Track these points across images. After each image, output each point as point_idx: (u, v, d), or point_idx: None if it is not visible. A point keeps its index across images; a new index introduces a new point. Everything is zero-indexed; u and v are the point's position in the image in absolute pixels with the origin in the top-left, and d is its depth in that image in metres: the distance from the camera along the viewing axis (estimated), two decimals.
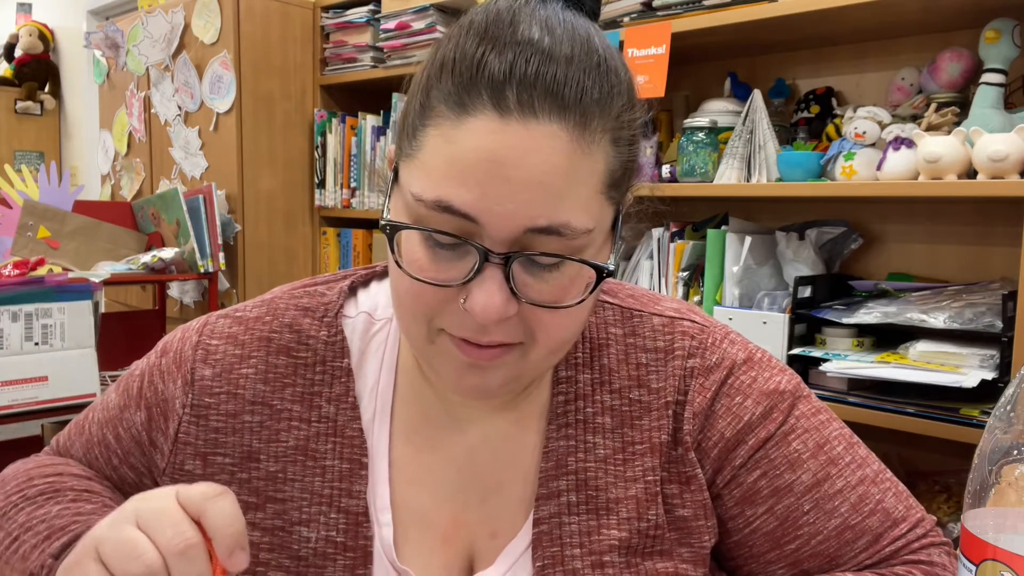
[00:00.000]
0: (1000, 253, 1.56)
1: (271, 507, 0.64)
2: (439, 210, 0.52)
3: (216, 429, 0.65)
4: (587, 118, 0.52)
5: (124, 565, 0.48)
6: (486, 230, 0.52)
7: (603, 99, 0.53)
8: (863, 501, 0.64)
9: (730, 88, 1.79)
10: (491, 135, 0.51)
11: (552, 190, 0.51)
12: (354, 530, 0.63)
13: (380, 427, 0.67)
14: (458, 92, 0.52)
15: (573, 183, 0.52)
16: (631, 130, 0.57)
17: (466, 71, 0.52)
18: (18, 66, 4.43)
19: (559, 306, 0.55)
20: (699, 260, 1.73)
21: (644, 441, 0.64)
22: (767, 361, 0.68)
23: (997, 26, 1.38)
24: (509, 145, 0.50)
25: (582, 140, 0.52)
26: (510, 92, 0.51)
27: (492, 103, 0.51)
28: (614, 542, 0.63)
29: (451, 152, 0.52)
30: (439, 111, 0.53)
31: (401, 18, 2.27)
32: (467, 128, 0.51)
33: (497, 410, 0.66)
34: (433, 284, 0.54)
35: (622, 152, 0.56)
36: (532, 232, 0.52)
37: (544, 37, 0.53)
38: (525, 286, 0.54)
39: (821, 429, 0.66)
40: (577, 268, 0.54)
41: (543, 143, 0.51)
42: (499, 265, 0.52)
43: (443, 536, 0.65)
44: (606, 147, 0.54)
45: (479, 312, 0.53)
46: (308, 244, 2.63)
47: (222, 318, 0.70)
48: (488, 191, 0.51)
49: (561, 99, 0.51)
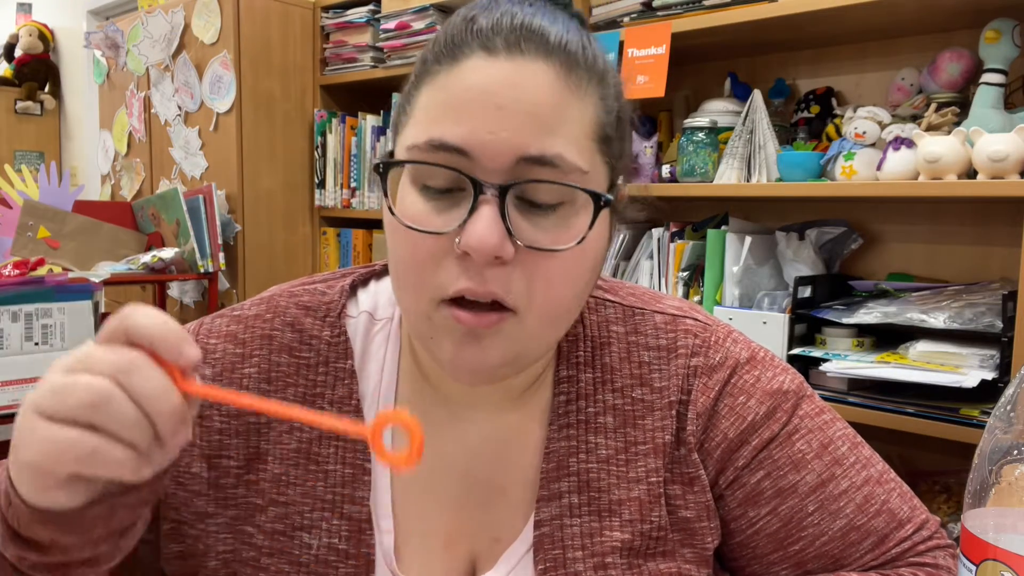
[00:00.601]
0: (1000, 253, 1.56)
1: (273, 510, 0.63)
2: (432, 150, 0.53)
3: (220, 431, 0.63)
4: (571, 64, 0.55)
5: (69, 400, 0.43)
6: (479, 163, 0.53)
7: (586, 53, 0.56)
8: (868, 502, 0.64)
9: (730, 88, 1.79)
10: (480, 71, 0.54)
11: (542, 121, 0.53)
12: (357, 537, 0.62)
13: None
14: (449, 48, 0.56)
15: (562, 120, 0.54)
16: (617, 99, 0.59)
17: (456, 31, 0.56)
18: (18, 66, 4.42)
19: (556, 249, 0.54)
20: (699, 260, 1.73)
21: (647, 441, 0.64)
22: (770, 360, 0.67)
23: (997, 26, 1.38)
24: (497, 79, 0.53)
25: (568, 81, 0.55)
26: (498, 38, 0.54)
27: (480, 47, 0.54)
28: (616, 544, 0.62)
29: (442, 98, 0.55)
30: (431, 70, 0.56)
31: (401, 18, 2.27)
32: (457, 73, 0.54)
33: (498, 410, 0.66)
34: (429, 232, 0.54)
35: (611, 114, 0.58)
36: (525, 163, 0.53)
37: (527, 6, 0.57)
38: (521, 230, 0.53)
39: (825, 429, 0.65)
40: (573, 212, 0.55)
41: (530, 77, 0.54)
42: (494, 200, 0.52)
43: (445, 542, 0.64)
44: (594, 98, 0.56)
45: (475, 243, 0.51)
46: (308, 244, 2.63)
47: (218, 317, 0.68)
48: (479, 123, 0.53)
49: (546, 43, 0.54)
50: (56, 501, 0.45)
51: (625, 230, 1.83)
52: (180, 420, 0.45)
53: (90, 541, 0.48)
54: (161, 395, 0.44)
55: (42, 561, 0.49)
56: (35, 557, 0.48)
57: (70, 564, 0.49)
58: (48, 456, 0.43)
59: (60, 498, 0.45)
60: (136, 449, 0.44)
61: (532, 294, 0.54)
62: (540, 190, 0.54)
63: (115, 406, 0.43)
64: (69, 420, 0.43)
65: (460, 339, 0.55)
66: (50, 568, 0.49)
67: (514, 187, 0.53)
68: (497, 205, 0.52)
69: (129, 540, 0.52)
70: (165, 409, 0.44)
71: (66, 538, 0.47)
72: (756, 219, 1.79)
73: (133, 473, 0.44)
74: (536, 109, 0.53)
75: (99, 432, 0.43)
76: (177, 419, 0.45)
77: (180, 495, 0.62)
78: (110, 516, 0.48)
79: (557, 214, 0.55)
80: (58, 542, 0.47)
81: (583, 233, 0.54)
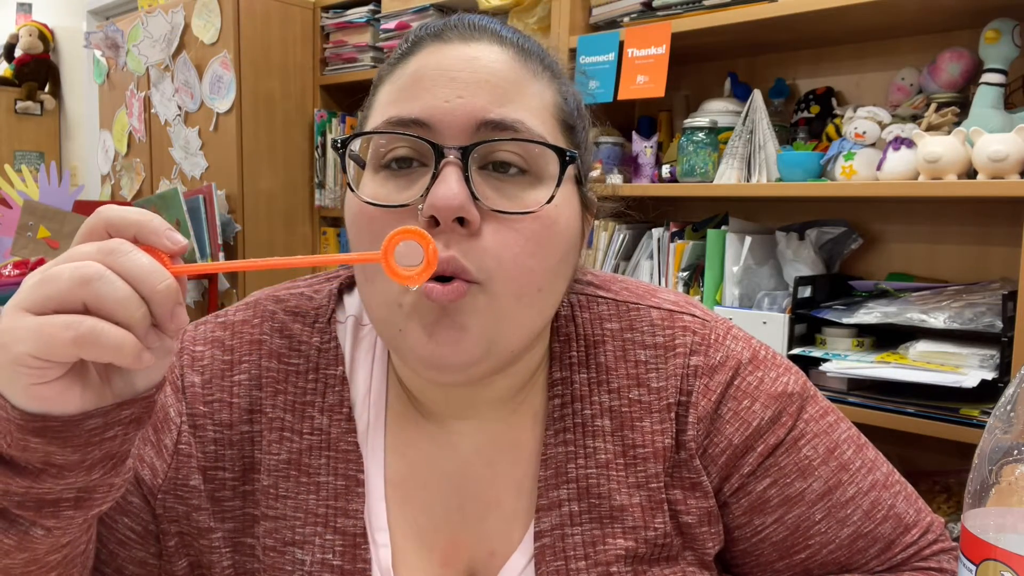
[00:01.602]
0: (1000, 253, 1.55)
1: (264, 524, 0.60)
2: (391, 127, 0.54)
3: (215, 441, 0.61)
4: (526, 53, 0.57)
5: (57, 285, 0.41)
6: (439, 131, 0.53)
7: (541, 51, 0.58)
8: (875, 508, 0.63)
9: (730, 88, 1.79)
10: (434, 55, 0.55)
11: (500, 90, 0.54)
12: (351, 552, 0.59)
13: (375, 440, 0.63)
14: (403, 50, 0.58)
15: (521, 93, 0.55)
16: (577, 104, 0.60)
17: (412, 35, 0.58)
18: (18, 66, 4.42)
19: (523, 212, 0.53)
20: (699, 260, 1.73)
21: (646, 445, 0.61)
22: (772, 359, 0.65)
23: (997, 26, 1.38)
24: (451, 57, 0.55)
25: (524, 65, 0.56)
26: (451, 31, 0.56)
27: (434, 39, 0.56)
28: (620, 552, 0.59)
29: (398, 85, 0.56)
30: (387, 72, 0.58)
31: (401, 18, 2.27)
32: (411, 63, 0.56)
33: (489, 418, 0.63)
34: (392, 207, 0.53)
35: (570, 104, 0.59)
36: (486, 128, 0.53)
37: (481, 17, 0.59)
38: (486, 197, 0.53)
39: (831, 432, 0.64)
40: (539, 182, 0.54)
41: (486, 54, 0.55)
42: (457, 163, 0.52)
43: (442, 557, 0.61)
44: (552, 85, 0.58)
45: (439, 202, 0.50)
46: (308, 244, 2.63)
47: (203, 324, 0.65)
48: (435, 93, 0.53)
49: (499, 35, 0.57)
50: (51, 403, 0.43)
51: (625, 230, 1.83)
52: (175, 301, 0.43)
53: (83, 465, 0.45)
54: (152, 273, 0.42)
55: (32, 491, 0.45)
56: (24, 485, 0.45)
57: (60, 501, 0.47)
58: (43, 343, 0.40)
59: (55, 398, 0.43)
60: (133, 331, 0.42)
61: (500, 263, 0.52)
62: (503, 153, 0.53)
63: (106, 283, 0.41)
64: (60, 304, 0.41)
65: (433, 321, 0.53)
66: (39, 503, 0.46)
67: (476, 148, 0.52)
68: (460, 167, 0.51)
69: (119, 480, 0.49)
70: (159, 287, 0.42)
71: (60, 455, 0.44)
72: (756, 219, 1.79)
73: (134, 357, 0.42)
74: (493, 79, 0.54)
75: (93, 315, 0.41)
76: (172, 299, 0.43)
77: (180, 509, 0.60)
78: (104, 430, 0.45)
79: (522, 182, 0.54)
80: (51, 462, 0.44)
81: (551, 193, 0.54)
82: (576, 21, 1.84)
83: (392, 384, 0.65)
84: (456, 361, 0.53)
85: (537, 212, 0.53)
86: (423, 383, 0.62)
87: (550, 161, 0.54)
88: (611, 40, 1.75)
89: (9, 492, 0.46)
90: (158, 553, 0.61)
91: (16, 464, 0.45)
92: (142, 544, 0.61)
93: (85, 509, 0.48)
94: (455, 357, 0.53)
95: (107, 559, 0.60)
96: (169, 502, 0.60)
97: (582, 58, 1.79)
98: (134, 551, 0.61)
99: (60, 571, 0.52)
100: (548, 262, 0.55)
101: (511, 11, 1.94)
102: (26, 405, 0.43)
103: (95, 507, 0.49)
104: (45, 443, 0.44)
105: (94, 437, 0.45)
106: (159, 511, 0.60)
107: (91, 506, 0.48)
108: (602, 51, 1.76)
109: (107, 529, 0.60)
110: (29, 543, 0.48)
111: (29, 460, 0.45)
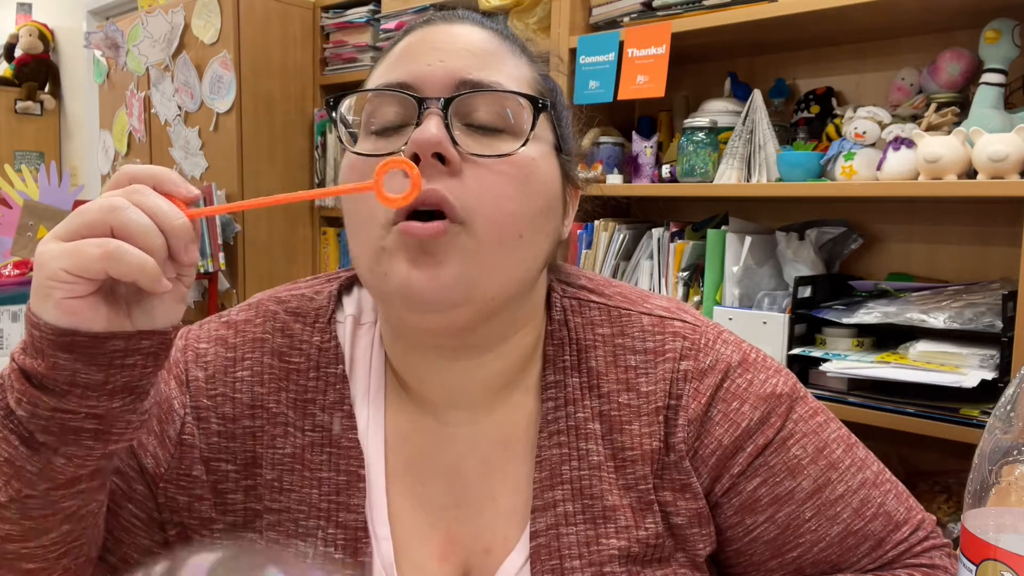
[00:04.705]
0: (1000, 253, 1.56)
1: (268, 517, 0.62)
2: (378, 97, 0.59)
3: (217, 433, 0.63)
4: (504, 37, 0.62)
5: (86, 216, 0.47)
6: (422, 89, 0.57)
7: (520, 40, 0.64)
8: (865, 505, 0.63)
9: (730, 88, 1.79)
10: (417, 34, 0.61)
11: (480, 57, 0.59)
12: (353, 546, 0.61)
13: (375, 436, 0.64)
14: (395, 39, 0.64)
15: (500, 63, 0.60)
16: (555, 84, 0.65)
17: (402, 30, 0.64)
18: (18, 66, 4.42)
19: (499, 154, 0.56)
20: (699, 260, 1.73)
21: (635, 447, 0.62)
22: (762, 362, 0.66)
23: (997, 26, 1.38)
24: (434, 31, 0.61)
25: (503, 44, 0.61)
26: (435, 17, 0.63)
27: (420, 25, 0.62)
28: (614, 552, 0.61)
29: (387, 63, 0.61)
30: (380, 59, 0.64)
31: (401, 18, 2.28)
32: (399, 45, 0.62)
33: (482, 410, 0.64)
34: (380, 155, 0.56)
35: (548, 83, 0.64)
36: (465, 86, 0.57)
37: None
38: (466, 145, 0.56)
39: (820, 432, 0.64)
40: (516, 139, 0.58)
41: (466, 30, 0.61)
42: (438, 112, 0.56)
43: (439, 553, 0.62)
44: (531, 66, 0.63)
45: (420, 139, 0.54)
46: (308, 244, 2.63)
47: (206, 323, 0.68)
48: (419, 59, 0.59)
49: (480, 22, 0.63)
50: (80, 317, 0.47)
51: (625, 230, 1.83)
52: (189, 238, 0.49)
53: (106, 388, 0.49)
54: (170, 211, 0.48)
55: (57, 413, 0.49)
56: (51, 404, 0.48)
57: (81, 430, 0.50)
58: (75, 259, 0.46)
59: (84, 312, 0.47)
60: (153, 256, 0.47)
61: (481, 202, 0.55)
62: (481, 113, 0.57)
63: (131, 212, 0.47)
64: (90, 230, 0.47)
65: (414, 256, 0.55)
66: (62, 429, 0.49)
67: (456, 99, 0.56)
68: (441, 116, 0.55)
69: (136, 418, 0.52)
70: (176, 223, 0.48)
71: (85, 372, 0.48)
72: (756, 219, 1.79)
73: (153, 279, 0.47)
74: (473, 48, 0.59)
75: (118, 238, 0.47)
76: (187, 235, 0.49)
77: (182, 499, 0.62)
78: (125, 356, 0.49)
79: (501, 137, 0.58)
80: (77, 381, 0.48)
81: (528, 133, 0.58)
82: (576, 21, 1.84)
83: (390, 379, 0.66)
84: (435, 294, 0.55)
85: (513, 156, 0.57)
86: (417, 360, 0.64)
87: (527, 120, 0.58)
88: (611, 40, 1.75)
89: (37, 413, 0.49)
90: (163, 542, 0.63)
91: (45, 386, 0.49)
92: (146, 531, 0.62)
93: (104, 442, 0.51)
94: (434, 291, 0.55)
95: (113, 547, 0.62)
96: (171, 491, 0.62)
97: (582, 58, 1.79)
98: (139, 538, 0.62)
99: (71, 525, 0.54)
100: (528, 208, 0.58)
101: (511, 11, 1.94)
102: (57, 320, 0.47)
103: (112, 442, 0.51)
104: (72, 360, 0.48)
105: (116, 359, 0.49)
106: (161, 500, 0.62)
107: (109, 439, 0.51)
108: (602, 51, 1.76)
109: (113, 516, 0.62)
110: (51, 471, 0.51)
111: (57, 380, 0.48)
